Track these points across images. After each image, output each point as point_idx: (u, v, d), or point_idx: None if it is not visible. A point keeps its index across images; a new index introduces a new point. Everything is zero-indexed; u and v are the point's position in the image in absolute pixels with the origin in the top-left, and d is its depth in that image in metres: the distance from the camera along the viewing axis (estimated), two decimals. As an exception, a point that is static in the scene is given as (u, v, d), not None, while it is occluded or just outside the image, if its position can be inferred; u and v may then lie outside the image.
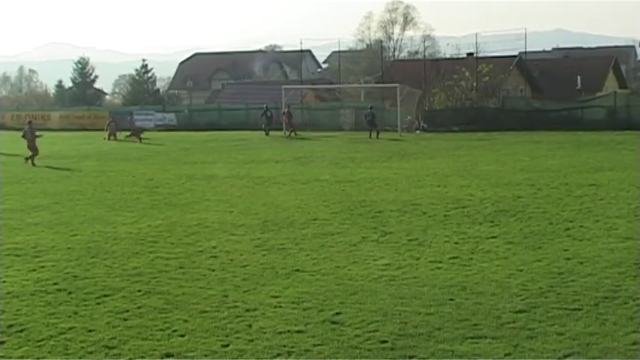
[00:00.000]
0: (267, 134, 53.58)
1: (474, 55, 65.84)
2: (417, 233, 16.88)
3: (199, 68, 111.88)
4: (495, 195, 22.22)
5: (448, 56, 78.25)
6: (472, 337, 9.88)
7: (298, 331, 10.27)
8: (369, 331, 10.20)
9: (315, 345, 9.76)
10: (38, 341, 10.13)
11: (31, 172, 31.85)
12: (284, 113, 55.21)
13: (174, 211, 20.71)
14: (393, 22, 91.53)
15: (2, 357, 9.62)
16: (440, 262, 14.14)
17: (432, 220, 18.47)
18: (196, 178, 28.56)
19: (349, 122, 58.52)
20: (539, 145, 39.82)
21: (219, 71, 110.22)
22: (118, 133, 53.79)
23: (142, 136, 52.19)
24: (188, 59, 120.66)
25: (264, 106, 57.56)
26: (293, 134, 52.69)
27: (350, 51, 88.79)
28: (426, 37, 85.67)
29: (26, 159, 36.25)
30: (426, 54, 75.32)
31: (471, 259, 14.35)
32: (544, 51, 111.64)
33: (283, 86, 63.50)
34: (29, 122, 41.10)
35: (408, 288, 12.35)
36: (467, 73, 61.16)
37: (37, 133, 38.72)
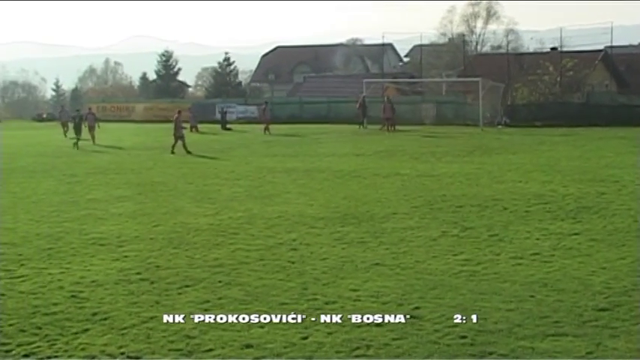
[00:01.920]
0: (364, 127, 52.94)
1: (558, 49, 64.81)
2: (497, 229, 16.71)
3: (281, 61, 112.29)
4: (578, 191, 21.85)
5: (531, 50, 77.11)
6: (553, 335, 9.75)
7: (377, 325, 10.27)
8: (449, 327, 10.14)
9: (393, 339, 9.75)
10: (121, 329, 10.33)
11: (115, 163, 32.45)
12: (360, 104, 54.79)
13: (254, 203, 20.87)
14: (475, 16, 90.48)
15: (86, 344, 9.82)
16: (521, 258, 13.98)
17: (513, 216, 18.27)
18: (277, 170, 28.73)
19: (430, 116, 58.21)
20: (623, 141, 39.01)
21: (301, 64, 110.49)
22: (199, 126, 54.45)
23: (228, 126, 53.81)
24: (270, 52, 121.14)
25: (362, 97, 56.88)
26: (391, 129, 51.27)
27: (432, 45, 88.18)
28: (509, 31, 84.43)
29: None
30: (509, 48, 74.32)
31: (553, 255, 14.15)
32: (631, 45, 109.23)
33: (364, 80, 63.43)
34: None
35: (488, 284, 12.24)
36: (550, 68, 60.23)
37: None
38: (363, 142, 42.67)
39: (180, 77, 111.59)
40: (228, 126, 57.88)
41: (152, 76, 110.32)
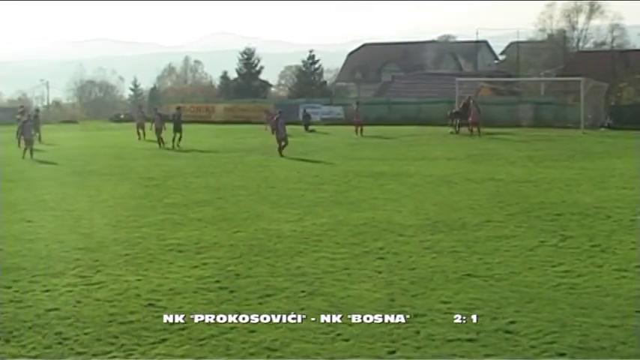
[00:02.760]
0: (456, 131, 52.26)
1: (669, 45, 63.49)
2: (600, 239, 16.44)
3: (368, 59, 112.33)
4: (690, 199, 21.35)
5: (638, 47, 75.66)
6: (661, 355, 9.55)
7: (469, 340, 10.19)
8: (546, 343, 10.01)
9: (487, 355, 9.66)
10: (200, 340, 10.44)
11: (194, 166, 32.87)
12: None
13: (340, 209, 20.91)
14: (577, 11, 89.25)
15: (164, 355, 9.96)
16: (625, 270, 13.72)
17: (617, 225, 17.94)
18: (364, 175, 28.74)
19: (528, 118, 57.57)
20: None
21: (390, 63, 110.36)
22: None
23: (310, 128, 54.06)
24: (357, 50, 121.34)
25: (468, 98, 56.27)
26: (475, 131, 50.71)
27: (530, 42, 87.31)
28: (615, 27, 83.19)
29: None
30: (614, 45, 73.07)
31: (661, 268, 13.86)
32: None
33: (457, 79, 63.07)
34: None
35: (589, 297, 12.05)
36: (660, 66, 59.07)
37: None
38: (455, 145, 42.42)
39: (263, 76, 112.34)
40: (310, 127, 58.20)
41: (233, 75, 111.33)
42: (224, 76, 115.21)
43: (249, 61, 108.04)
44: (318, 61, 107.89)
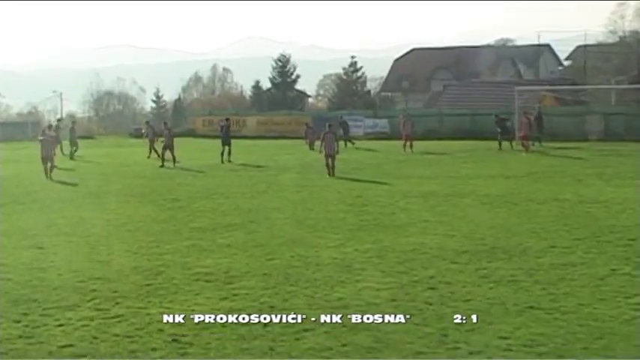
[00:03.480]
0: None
1: None
2: (680, 267, 16.28)
3: (417, 66, 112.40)
4: None
5: None
6: None
7: (531, 381, 10.12)
8: (619, 384, 9.93)
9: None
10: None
11: (223, 186, 33.00)
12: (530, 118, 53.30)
13: (385, 233, 20.89)
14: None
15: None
16: None
17: (699, 252, 17.76)
18: (412, 195, 28.71)
19: (597, 130, 57.23)
20: None
21: (440, 70, 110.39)
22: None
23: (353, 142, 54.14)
24: (404, 56, 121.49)
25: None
26: (525, 147, 50.29)
27: (599, 45, 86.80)
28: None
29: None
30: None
31: None
32: None
33: (516, 87, 62.85)
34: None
35: (668, 333, 11.93)
36: None
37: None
38: (515, 161, 42.25)
39: (299, 85, 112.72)
40: (348, 140, 57.87)
41: (266, 84, 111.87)
42: (256, 86, 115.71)
43: (284, 69, 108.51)
44: (360, 68, 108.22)
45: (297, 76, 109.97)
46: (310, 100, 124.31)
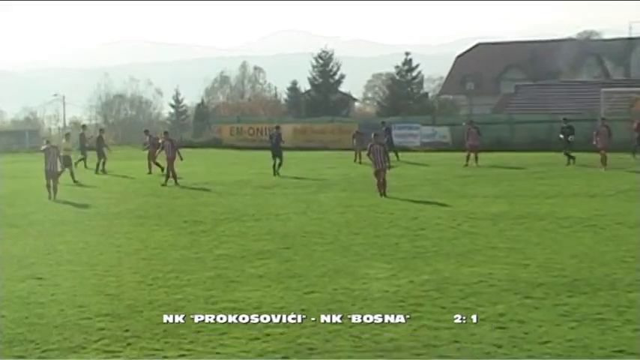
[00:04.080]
0: (568, 161, 50.80)
1: None
2: None
3: (483, 64, 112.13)
4: None
5: None
6: None
7: None
8: None
9: None
10: None
11: (254, 207, 33.06)
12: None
13: (446, 262, 20.85)
14: None
15: None
16: None
17: None
18: (477, 217, 28.64)
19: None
20: None
21: (512, 68, 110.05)
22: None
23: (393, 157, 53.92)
24: (468, 51, 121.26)
25: (562, 118, 55.56)
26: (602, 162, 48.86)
27: None
28: None
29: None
30: None
31: None
32: None
33: (603, 89, 62.52)
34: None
35: None
36: None
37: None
38: (600, 177, 42.02)
39: (344, 87, 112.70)
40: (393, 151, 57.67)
41: (305, 85, 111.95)
42: (293, 88, 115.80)
43: (325, 68, 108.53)
44: (416, 67, 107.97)
45: (342, 76, 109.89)
46: (357, 104, 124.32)
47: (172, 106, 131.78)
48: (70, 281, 19.55)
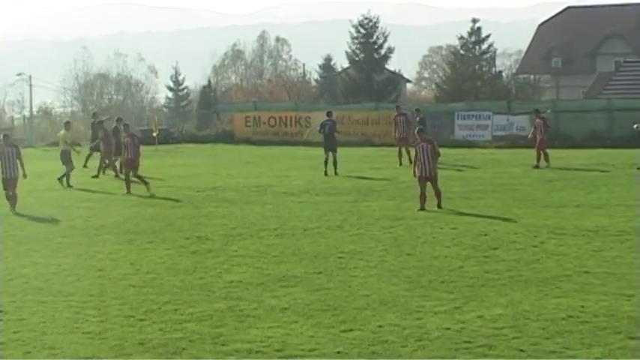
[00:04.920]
0: None
1: None
2: None
3: (574, 35, 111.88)
4: None
5: None
6: None
7: None
8: None
9: None
10: None
11: (276, 219, 33.04)
12: None
13: (525, 291, 20.80)
14: None
15: None
16: None
17: None
18: (565, 233, 28.58)
19: None
20: None
21: (612, 39, 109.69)
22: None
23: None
24: (553, 18, 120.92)
25: None
26: None
27: None
28: None
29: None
30: None
31: None
32: None
33: None
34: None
35: None
36: None
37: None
38: None
39: (392, 65, 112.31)
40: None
41: (341, 62, 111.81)
42: (326, 65, 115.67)
43: (368, 40, 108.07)
44: (486, 38, 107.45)
45: (389, 50, 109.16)
46: (409, 86, 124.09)
47: (170, 89, 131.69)
48: (38, 315, 19.61)
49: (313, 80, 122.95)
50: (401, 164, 52.03)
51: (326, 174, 46.00)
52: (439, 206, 34.97)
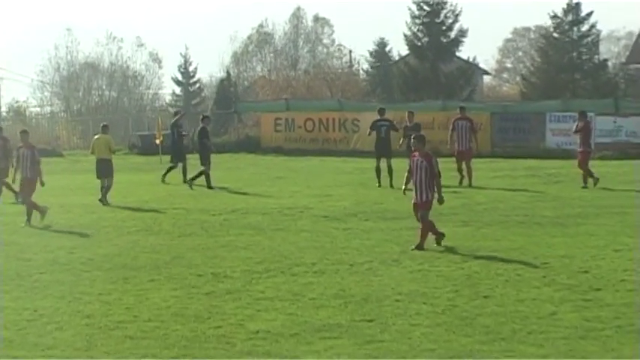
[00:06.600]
0: None
1: None
2: None
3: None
4: None
5: None
6: None
7: None
8: None
9: None
10: None
11: (314, 250, 33.07)
12: None
13: (636, 345, 20.74)
14: None
15: None
16: None
17: None
18: (690, 269, 28.54)
19: None
20: None
21: None
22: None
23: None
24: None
25: None
26: None
27: None
28: None
29: None
30: None
31: None
32: None
33: None
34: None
35: None
36: None
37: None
38: None
39: (465, 52, 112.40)
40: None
41: (399, 48, 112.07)
42: (379, 52, 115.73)
43: (434, 20, 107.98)
44: (587, 17, 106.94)
45: (461, 33, 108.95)
46: (486, 79, 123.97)
47: (178, 82, 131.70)
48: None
49: (362, 71, 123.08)
50: (461, 183, 52.23)
51: (379, 184, 46.05)
52: (419, 247, 33.38)
